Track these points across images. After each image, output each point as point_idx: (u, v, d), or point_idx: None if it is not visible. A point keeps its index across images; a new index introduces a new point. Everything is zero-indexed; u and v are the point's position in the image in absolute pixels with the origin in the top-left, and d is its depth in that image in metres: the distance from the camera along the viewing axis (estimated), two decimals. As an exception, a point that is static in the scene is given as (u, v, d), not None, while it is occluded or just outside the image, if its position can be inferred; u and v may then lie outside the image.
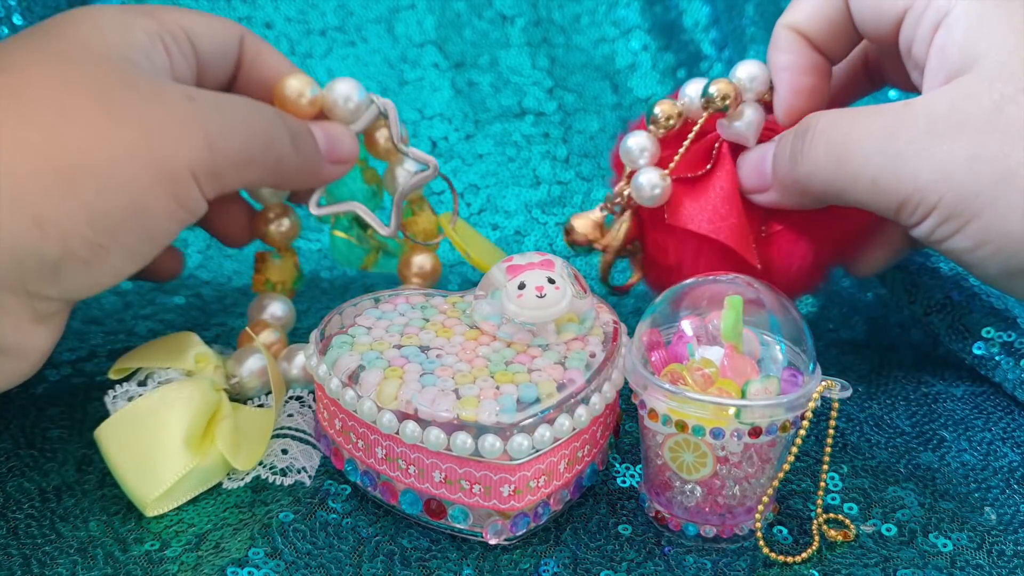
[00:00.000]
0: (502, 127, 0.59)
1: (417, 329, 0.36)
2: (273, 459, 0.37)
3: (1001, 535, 0.34)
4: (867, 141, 0.34)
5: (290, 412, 0.39)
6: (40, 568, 0.31)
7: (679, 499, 0.33)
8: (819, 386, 0.31)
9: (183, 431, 0.34)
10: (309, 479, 0.36)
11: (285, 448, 0.37)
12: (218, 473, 0.36)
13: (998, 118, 0.32)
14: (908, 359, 0.47)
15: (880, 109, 0.35)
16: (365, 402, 0.32)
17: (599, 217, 0.42)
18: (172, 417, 0.35)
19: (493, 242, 0.57)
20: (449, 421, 0.31)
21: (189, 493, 0.35)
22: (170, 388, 0.35)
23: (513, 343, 0.35)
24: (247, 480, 0.36)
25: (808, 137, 0.36)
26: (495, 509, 0.32)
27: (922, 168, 0.33)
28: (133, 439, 0.34)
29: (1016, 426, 0.40)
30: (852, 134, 0.34)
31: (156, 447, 0.34)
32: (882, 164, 0.33)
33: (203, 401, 0.35)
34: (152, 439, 0.34)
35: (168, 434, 0.34)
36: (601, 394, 0.33)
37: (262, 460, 0.37)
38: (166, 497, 0.34)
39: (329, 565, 0.32)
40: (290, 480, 0.36)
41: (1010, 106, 0.32)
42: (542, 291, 0.34)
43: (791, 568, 0.32)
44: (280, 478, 0.36)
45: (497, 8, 0.57)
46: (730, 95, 0.38)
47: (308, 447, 0.38)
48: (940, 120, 0.32)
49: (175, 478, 0.34)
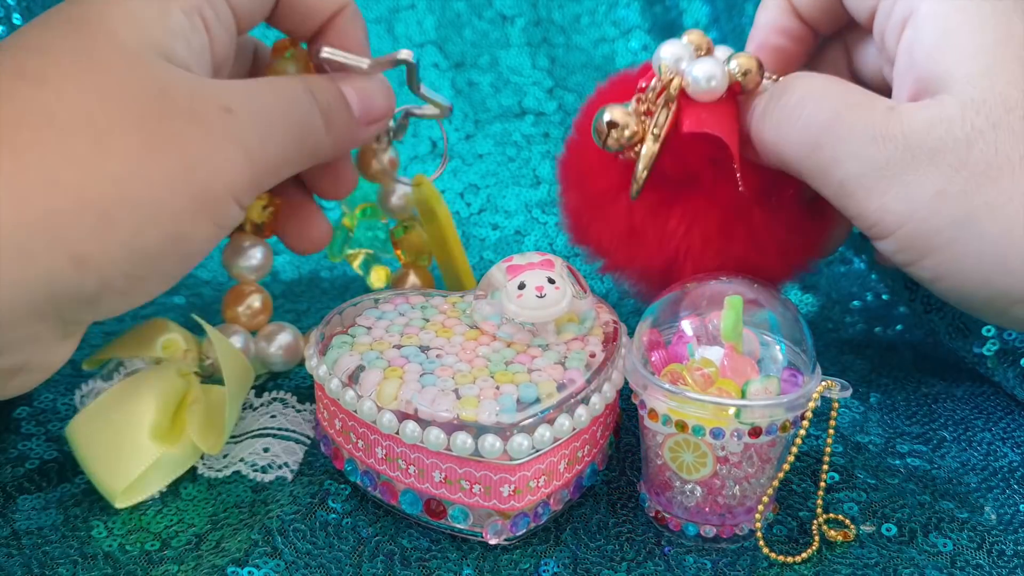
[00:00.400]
0: (502, 127, 0.59)
1: (417, 329, 0.36)
2: (255, 457, 0.37)
3: (1001, 535, 0.34)
4: (848, 141, 0.32)
5: (273, 413, 0.40)
6: (40, 568, 0.31)
7: (679, 499, 0.33)
8: (819, 386, 0.31)
9: (149, 421, 0.35)
10: (291, 474, 0.36)
11: (267, 447, 0.38)
12: (190, 459, 0.36)
13: (968, 153, 0.31)
14: (908, 359, 0.47)
15: (868, 104, 0.33)
16: (365, 402, 0.32)
17: (633, 108, 0.37)
18: (137, 408, 0.35)
19: (493, 242, 0.57)
20: (449, 421, 0.31)
21: (162, 481, 0.36)
22: (133, 380, 0.36)
23: (513, 343, 0.35)
24: (225, 473, 0.37)
25: (784, 102, 0.34)
26: (495, 509, 0.32)
27: (890, 192, 0.32)
28: (99, 433, 0.35)
29: (1016, 426, 0.40)
30: (835, 127, 0.33)
31: (122, 439, 0.35)
32: (855, 172, 0.32)
33: (168, 389, 0.36)
34: (118, 432, 0.35)
35: (134, 426, 0.35)
36: (601, 394, 0.33)
37: (243, 458, 0.37)
38: (136, 488, 0.35)
39: (329, 565, 0.32)
40: (271, 476, 0.36)
41: (979, 142, 0.30)
42: (542, 291, 0.34)
43: (791, 568, 0.32)
44: (261, 475, 0.36)
45: (497, 8, 0.57)
46: (751, 69, 0.35)
47: (290, 443, 0.38)
48: (917, 143, 0.31)
49: (141, 468, 0.34)
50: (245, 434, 0.39)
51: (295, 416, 0.40)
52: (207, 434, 0.36)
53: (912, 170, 0.31)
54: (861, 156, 0.32)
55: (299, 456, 0.37)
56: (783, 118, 0.34)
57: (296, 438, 0.38)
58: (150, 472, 0.35)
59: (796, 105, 0.34)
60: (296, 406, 0.41)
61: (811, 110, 0.33)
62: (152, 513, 0.34)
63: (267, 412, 0.40)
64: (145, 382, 0.36)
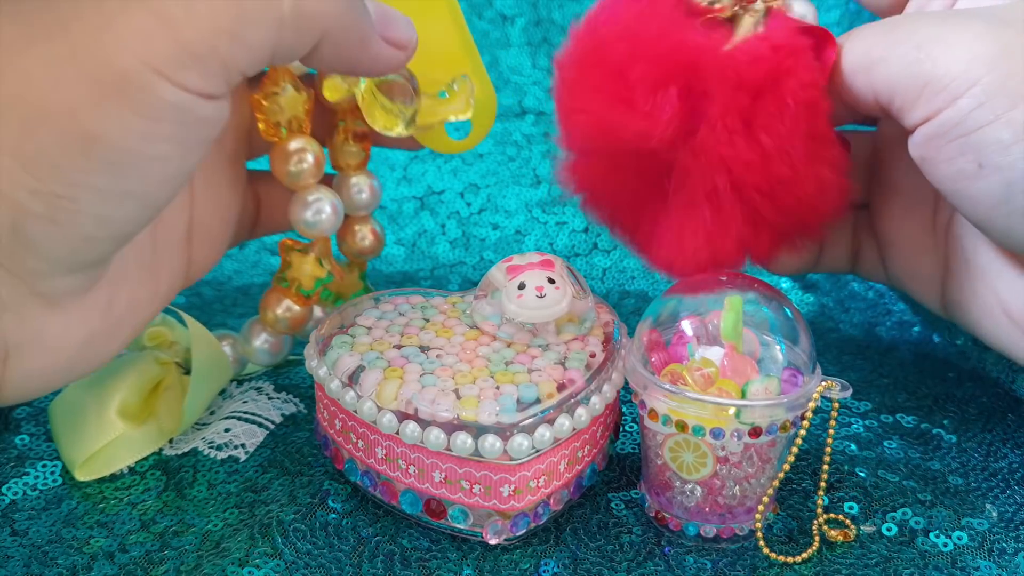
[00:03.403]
0: (502, 127, 0.59)
1: (417, 329, 0.36)
2: (214, 436, 0.38)
3: (1001, 534, 0.34)
4: (924, 16, 0.32)
5: (246, 399, 0.41)
6: (40, 569, 0.31)
7: (679, 499, 0.33)
8: (819, 386, 0.31)
9: (120, 399, 0.37)
10: (245, 454, 0.37)
11: (228, 427, 0.39)
12: (156, 441, 0.38)
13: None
14: (908, 359, 0.47)
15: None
16: (365, 402, 0.32)
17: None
18: (109, 385, 0.37)
19: (493, 241, 0.57)
20: (449, 421, 0.31)
21: (126, 460, 0.37)
22: (112, 362, 0.36)
23: (513, 343, 0.35)
24: (184, 450, 0.38)
25: (857, 28, 0.34)
26: (495, 509, 0.32)
27: (979, 40, 0.30)
28: (71, 407, 0.37)
29: (1016, 426, 0.40)
30: (907, 17, 0.33)
31: (88, 413, 0.36)
32: (935, 31, 0.30)
33: (144, 372, 0.38)
34: (86, 408, 0.37)
35: (103, 401, 0.37)
36: (601, 394, 0.33)
37: (204, 436, 0.38)
38: (99, 462, 0.36)
39: (329, 565, 0.32)
40: (224, 455, 0.37)
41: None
42: (542, 291, 0.34)
43: (791, 568, 0.32)
44: (216, 452, 0.37)
45: (497, 8, 0.57)
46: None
47: (252, 427, 0.39)
48: (1010, 8, 0.30)
49: (103, 442, 0.36)
50: (216, 418, 0.40)
51: (266, 402, 0.41)
52: (171, 417, 0.38)
53: (1005, 25, 0.30)
54: (942, 20, 0.31)
55: (258, 439, 0.38)
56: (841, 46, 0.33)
57: (259, 422, 0.39)
58: (115, 449, 0.36)
59: (852, 36, 0.33)
60: (270, 394, 0.41)
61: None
62: (152, 513, 0.34)
63: (241, 399, 0.41)
64: (122, 364, 0.38)
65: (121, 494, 0.35)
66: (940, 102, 0.30)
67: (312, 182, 0.39)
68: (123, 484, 0.36)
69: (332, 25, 0.28)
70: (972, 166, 0.30)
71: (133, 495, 0.35)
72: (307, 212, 0.39)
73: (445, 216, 0.58)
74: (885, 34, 0.32)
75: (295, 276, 0.39)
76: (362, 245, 0.43)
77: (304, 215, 0.39)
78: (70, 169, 0.24)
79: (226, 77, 0.26)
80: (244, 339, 0.41)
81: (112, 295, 0.31)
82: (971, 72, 0.29)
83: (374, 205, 0.43)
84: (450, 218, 0.58)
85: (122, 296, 0.32)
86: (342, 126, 0.41)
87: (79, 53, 0.24)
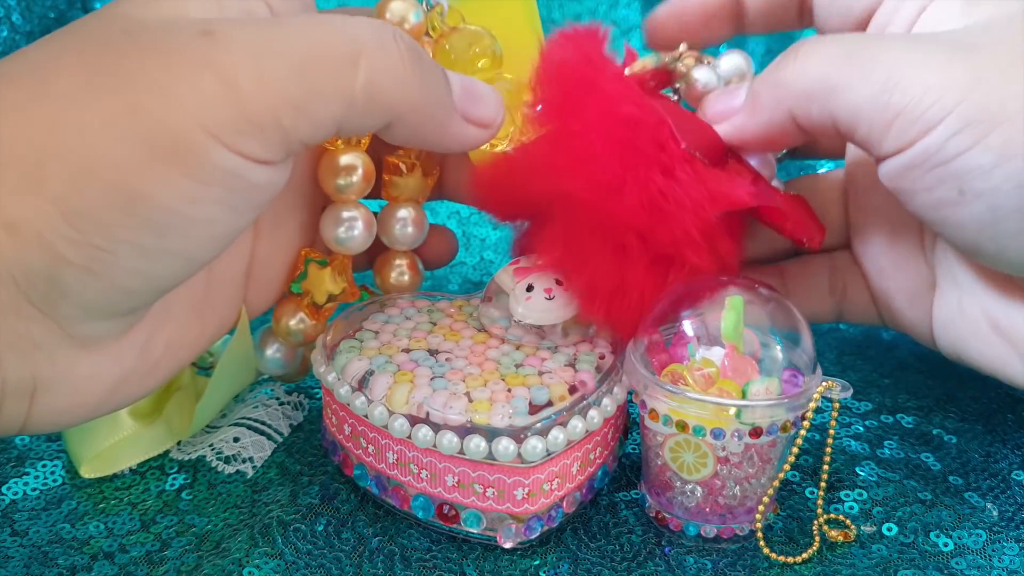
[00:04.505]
0: (502, 126, 0.58)
1: (425, 332, 0.36)
2: (223, 445, 0.38)
3: (1002, 534, 0.34)
4: (887, 40, 0.31)
5: (255, 404, 0.40)
6: (41, 569, 0.31)
7: (679, 499, 0.33)
8: (820, 386, 0.31)
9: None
10: (252, 470, 0.37)
11: (238, 436, 0.38)
12: (165, 442, 0.37)
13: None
14: (908, 359, 0.47)
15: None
16: (376, 407, 0.32)
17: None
18: None
19: (493, 241, 0.57)
20: (462, 425, 0.31)
21: (132, 459, 0.37)
22: None
23: (522, 346, 0.35)
24: (191, 456, 0.37)
25: (806, 45, 0.32)
26: (509, 513, 0.32)
27: (949, 66, 0.28)
28: None
29: (1016, 426, 0.40)
30: (867, 38, 0.32)
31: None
32: (902, 57, 0.29)
33: None
34: None
35: None
36: (612, 396, 0.33)
37: (213, 444, 0.38)
38: (105, 460, 0.36)
39: (329, 565, 0.32)
40: (231, 469, 0.37)
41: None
42: (551, 293, 0.34)
43: (792, 568, 0.32)
44: (223, 465, 0.37)
45: (497, 7, 0.57)
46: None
47: (261, 438, 0.38)
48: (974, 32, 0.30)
49: (112, 440, 0.36)
50: (227, 422, 0.39)
51: (276, 409, 0.40)
52: (180, 419, 0.37)
53: (974, 50, 0.29)
54: (910, 44, 0.30)
55: (266, 453, 0.38)
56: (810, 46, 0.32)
57: (269, 434, 0.39)
58: (122, 447, 0.36)
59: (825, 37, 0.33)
60: (281, 397, 0.41)
61: (842, 36, 0.33)
62: (152, 513, 0.34)
63: (252, 402, 0.40)
64: None
65: (121, 494, 0.35)
66: (915, 132, 0.29)
67: (354, 199, 0.37)
68: (123, 484, 0.36)
69: (405, 110, 0.28)
70: (953, 194, 0.29)
71: (133, 495, 0.35)
72: (339, 228, 0.37)
73: (445, 216, 0.58)
74: (845, 58, 0.30)
75: (309, 287, 0.39)
76: (400, 281, 0.41)
77: (336, 231, 0.37)
78: (112, 225, 0.24)
79: (286, 146, 0.26)
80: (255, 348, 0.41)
81: (151, 336, 0.30)
82: (945, 100, 0.28)
83: (420, 240, 0.40)
84: (450, 218, 0.58)
85: (162, 337, 0.31)
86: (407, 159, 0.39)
87: (138, 111, 0.24)
